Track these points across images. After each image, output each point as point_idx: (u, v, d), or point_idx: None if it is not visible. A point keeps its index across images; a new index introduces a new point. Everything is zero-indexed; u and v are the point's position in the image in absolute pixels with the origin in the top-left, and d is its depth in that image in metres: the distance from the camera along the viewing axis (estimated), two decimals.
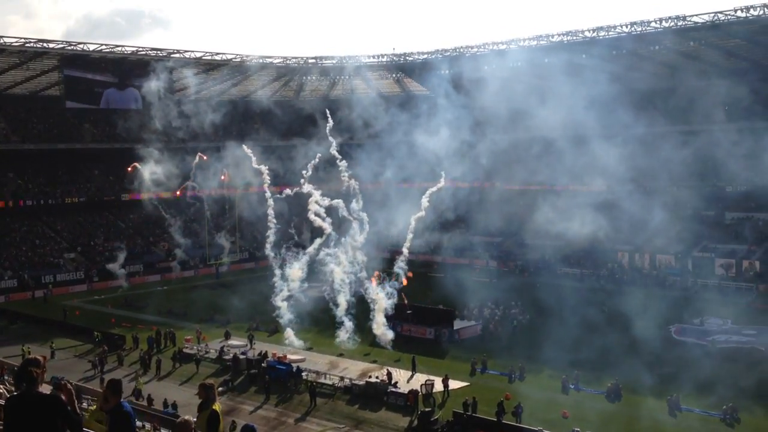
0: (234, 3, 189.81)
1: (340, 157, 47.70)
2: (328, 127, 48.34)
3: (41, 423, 5.90)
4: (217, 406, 7.96)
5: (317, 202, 45.33)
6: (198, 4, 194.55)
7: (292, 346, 40.91)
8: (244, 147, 52.36)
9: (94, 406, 8.76)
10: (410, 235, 46.45)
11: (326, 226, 45.46)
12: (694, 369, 32.41)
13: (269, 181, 50.47)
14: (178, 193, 66.81)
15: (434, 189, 46.71)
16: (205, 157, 60.79)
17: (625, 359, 35.11)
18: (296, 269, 44.67)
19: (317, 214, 45.60)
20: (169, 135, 68.17)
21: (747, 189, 59.88)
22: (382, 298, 42.15)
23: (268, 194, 50.14)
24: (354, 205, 45.73)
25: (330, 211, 46.51)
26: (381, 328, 41.03)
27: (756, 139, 53.89)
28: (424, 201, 46.18)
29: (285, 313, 42.63)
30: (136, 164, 62.24)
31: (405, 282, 45.60)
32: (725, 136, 57.45)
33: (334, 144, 47.56)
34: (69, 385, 6.62)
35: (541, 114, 63.04)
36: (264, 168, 50.36)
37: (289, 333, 41.83)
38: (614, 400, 31.33)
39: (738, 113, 59.36)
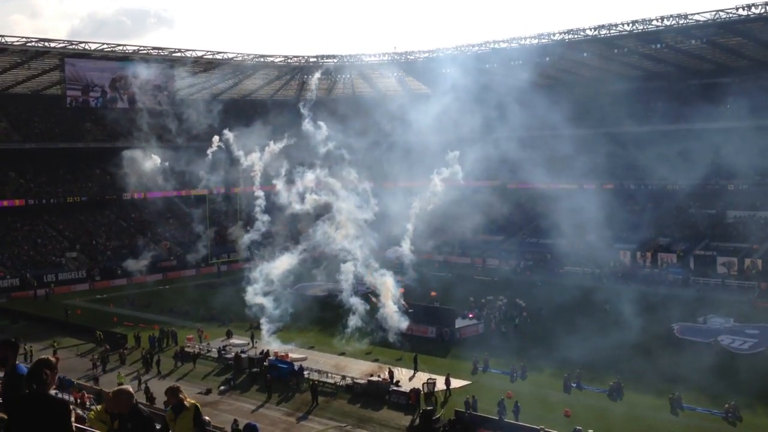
0: (238, 2, 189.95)
1: (336, 151, 47.63)
2: (302, 105, 48.27)
3: (46, 426, 5.84)
4: (194, 401, 7.93)
5: (308, 185, 45.09)
6: (203, 4, 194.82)
7: (264, 342, 40.56)
8: (233, 143, 52.26)
9: (99, 407, 8.72)
10: (410, 228, 46.26)
11: (325, 198, 45.01)
12: (696, 367, 32.34)
13: (258, 179, 50.57)
14: (204, 191, 66.50)
15: (447, 174, 46.08)
16: (221, 145, 59.73)
17: (627, 358, 35.11)
18: (283, 262, 44.31)
19: (312, 192, 45.25)
20: (168, 134, 68.06)
21: (749, 187, 59.83)
22: (389, 285, 41.92)
23: (256, 184, 50.19)
24: (351, 172, 45.41)
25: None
26: (394, 316, 40.86)
27: (761, 137, 53.98)
28: (437, 182, 45.56)
29: (260, 309, 42.09)
30: (156, 157, 61.69)
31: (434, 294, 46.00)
32: (727, 134, 57.52)
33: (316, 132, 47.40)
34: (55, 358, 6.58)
35: (543, 112, 63.03)
36: (257, 161, 50.35)
37: (263, 330, 41.43)
38: (616, 398, 31.27)
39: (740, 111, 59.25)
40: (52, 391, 6.47)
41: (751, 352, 37.62)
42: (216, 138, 57.17)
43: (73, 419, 6.03)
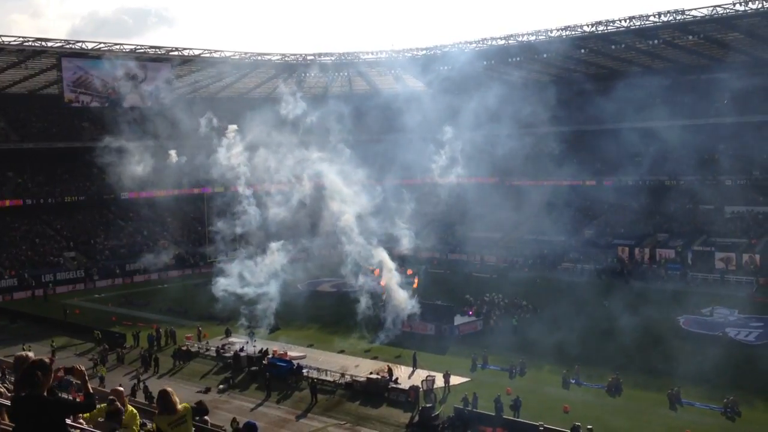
0: (238, 1, 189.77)
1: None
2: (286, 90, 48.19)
3: (40, 428, 5.81)
4: (186, 405, 7.92)
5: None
6: (203, 2, 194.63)
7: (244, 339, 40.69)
8: (229, 141, 52.20)
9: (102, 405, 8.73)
10: (404, 226, 46.26)
11: (314, 172, 45.00)
12: (698, 361, 32.33)
13: (245, 179, 50.74)
14: (203, 189, 66.30)
15: (444, 160, 45.77)
16: (222, 143, 59.47)
17: (628, 353, 35.14)
18: (281, 257, 44.29)
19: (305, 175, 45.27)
20: (166, 132, 67.74)
21: (747, 182, 59.87)
22: (387, 262, 41.82)
23: (242, 180, 50.47)
24: (346, 151, 45.50)
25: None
26: (404, 302, 40.79)
27: (758, 132, 53.94)
28: (435, 173, 45.30)
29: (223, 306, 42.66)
30: (172, 153, 61.44)
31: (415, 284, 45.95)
32: (723, 129, 57.57)
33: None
34: (80, 366, 6.54)
35: (544, 108, 63.00)
36: (243, 164, 50.51)
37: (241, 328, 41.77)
38: (615, 394, 31.32)
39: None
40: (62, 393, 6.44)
41: (758, 343, 37.77)
42: (225, 133, 57.00)
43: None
